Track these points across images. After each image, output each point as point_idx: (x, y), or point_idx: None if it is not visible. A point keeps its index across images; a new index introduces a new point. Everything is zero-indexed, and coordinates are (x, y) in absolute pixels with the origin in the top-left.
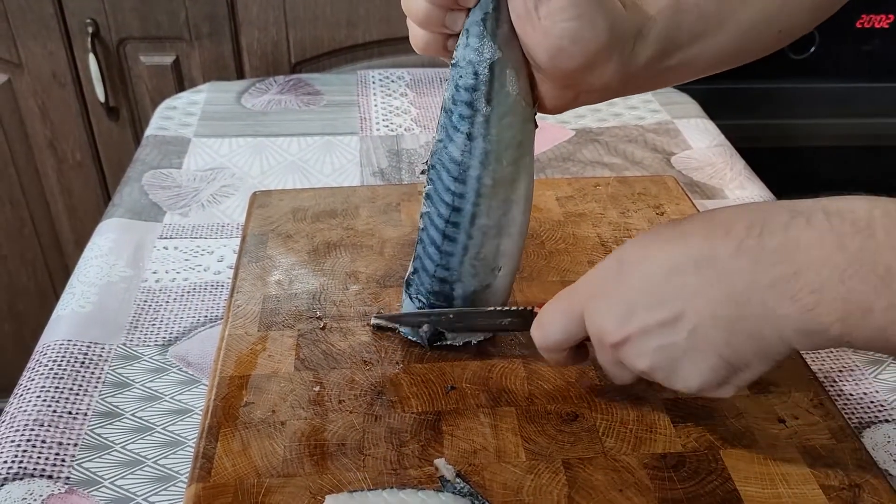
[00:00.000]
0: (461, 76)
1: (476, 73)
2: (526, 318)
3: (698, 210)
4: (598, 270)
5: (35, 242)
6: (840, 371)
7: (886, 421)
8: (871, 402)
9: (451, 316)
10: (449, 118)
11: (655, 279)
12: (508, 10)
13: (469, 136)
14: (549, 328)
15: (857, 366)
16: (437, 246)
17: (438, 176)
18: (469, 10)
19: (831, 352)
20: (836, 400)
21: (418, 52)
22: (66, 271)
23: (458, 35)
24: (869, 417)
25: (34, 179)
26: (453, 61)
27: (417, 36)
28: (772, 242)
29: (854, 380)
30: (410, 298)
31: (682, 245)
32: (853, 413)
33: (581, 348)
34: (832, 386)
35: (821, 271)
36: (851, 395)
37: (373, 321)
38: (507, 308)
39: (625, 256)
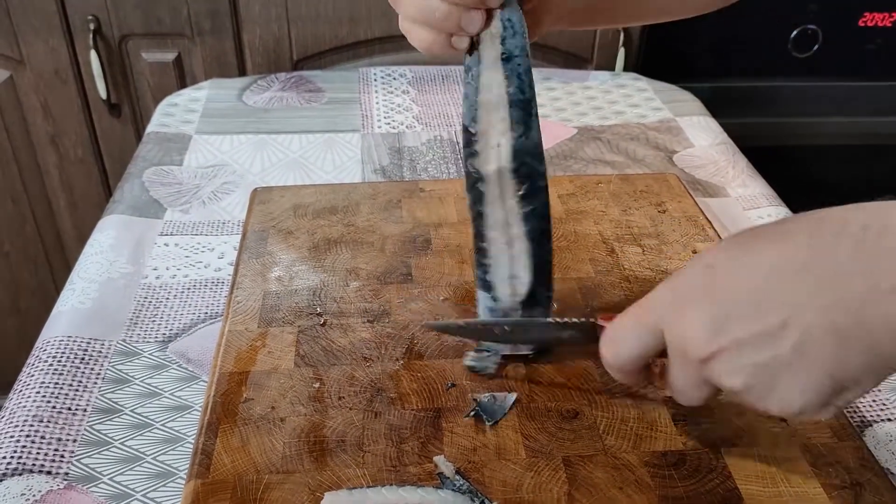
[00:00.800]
0: (520, 64)
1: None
2: (586, 330)
3: (700, 208)
4: (680, 277)
5: (37, 239)
6: None
7: (888, 420)
8: (874, 400)
9: (507, 328)
10: (527, 109)
11: (753, 284)
12: None
13: (536, 116)
14: (623, 343)
15: None
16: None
17: (531, 165)
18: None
19: None
20: None
21: (423, 52)
22: (67, 268)
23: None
24: (871, 416)
25: (36, 176)
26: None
27: (423, 37)
28: (893, 243)
29: None
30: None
31: (785, 246)
32: (855, 411)
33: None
34: None
35: None
36: None
37: (425, 323)
38: (566, 320)
39: (714, 261)
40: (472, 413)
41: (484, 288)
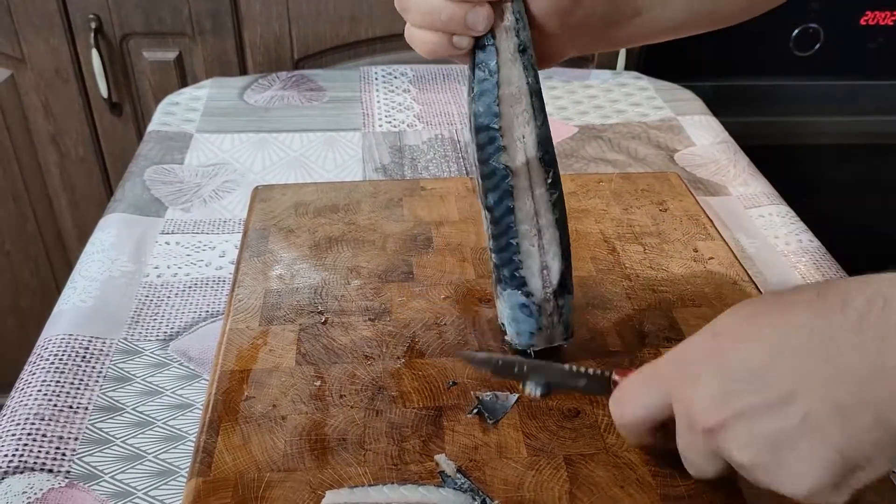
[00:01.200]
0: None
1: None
2: (602, 383)
3: (701, 207)
4: (688, 345)
5: (38, 238)
6: None
7: None
8: None
9: (525, 368)
10: (541, 98)
11: (760, 355)
12: None
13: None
14: (629, 404)
15: None
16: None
17: (551, 152)
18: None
19: None
20: None
21: (427, 56)
22: (68, 267)
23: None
24: None
25: (37, 175)
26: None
27: (427, 39)
28: None
29: None
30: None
31: (791, 318)
32: None
33: (665, 430)
34: None
35: None
36: None
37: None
38: (582, 370)
39: (721, 330)
40: (475, 411)
41: (517, 285)
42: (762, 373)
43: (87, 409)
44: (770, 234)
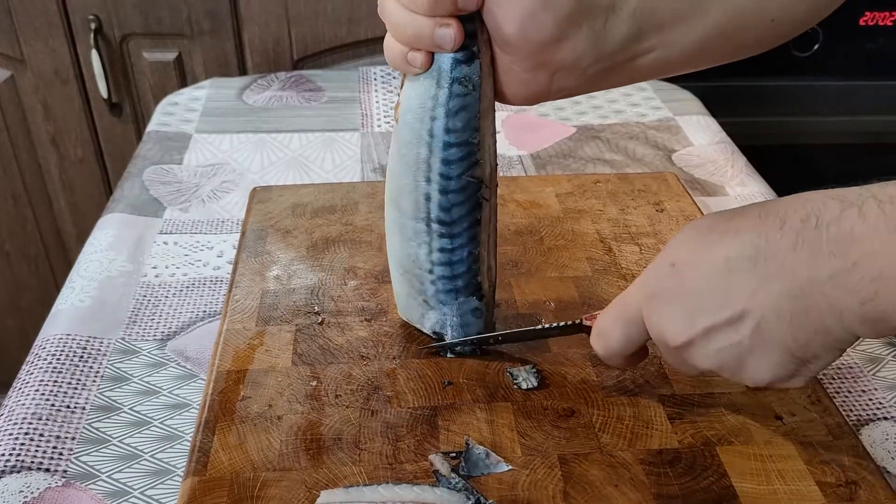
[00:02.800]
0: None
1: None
2: (573, 330)
3: (698, 207)
4: (650, 273)
5: (37, 238)
6: (839, 369)
7: (885, 418)
8: (870, 399)
9: (500, 338)
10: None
11: (713, 279)
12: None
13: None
14: (610, 336)
15: (857, 363)
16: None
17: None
18: None
19: None
20: (835, 397)
21: (395, 68)
22: (68, 267)
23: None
24: (867, 415)
25: (37, 175)
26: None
27: (392, 50)
28: (828, 234)
29: (853, 377)
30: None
31: (737, 241)
32: (851, 410)
33: (641, 348)
34: (831, 383)
35: (879, 260)
36: (850, 392)
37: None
38: (554, 325)
39: (677, 257)
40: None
41: (472, 292)
42: (717, 295)
43: (84, 408)
44: None
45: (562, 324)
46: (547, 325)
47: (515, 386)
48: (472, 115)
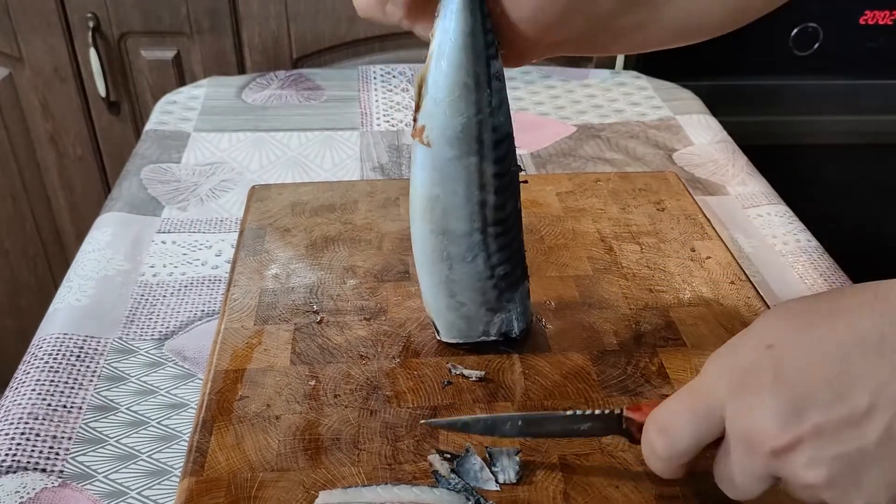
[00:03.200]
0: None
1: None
2: (610, 422)
3: (699, 206)
4: (735, 358)
5: (36, 237)
6: None
7: None
8: None
9: (520, 423)
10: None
11: (828, 366)
12: None
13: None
14: (676, 434)
15: None
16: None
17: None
18: None
19: None
20: None
21: (360, 13)
22: (66, 266)
23: None
24: None
25: (35, 174)
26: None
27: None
28: None
29: None
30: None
31: (851, 324)
32: None
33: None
34: None
35: None
36: None
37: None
38: (588, 412)
39: (775, 340)
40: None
41: (524, 274)
42: (834, 385)
43: (80, 408)
44: (768, 233)
45: (596, 412)
46: (579, 412)
47: (492, 474)
48: (507, 104)
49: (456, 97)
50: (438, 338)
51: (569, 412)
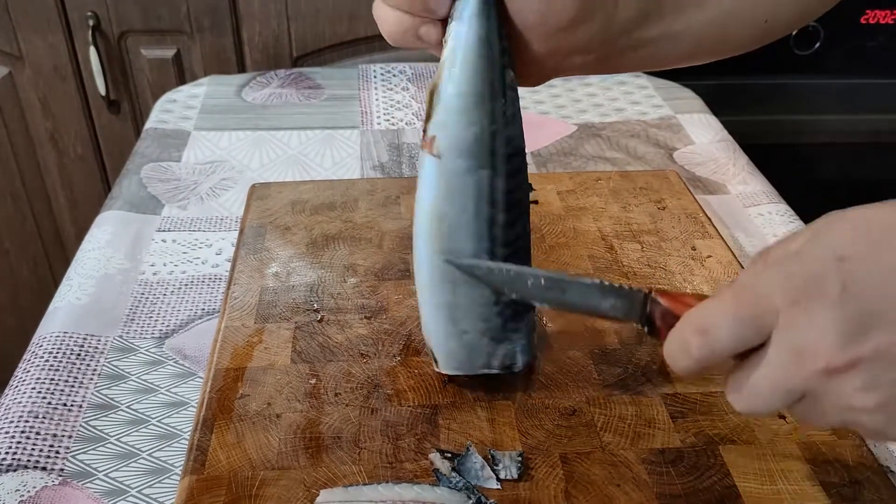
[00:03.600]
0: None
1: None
2: (634, 303)
3: (700, 205)
4: (798, 264)
5: (36, 236)
6: None
7: None
8: None
9: (543, 281)
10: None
11: (888, 272)
12: None
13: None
14: (718, 335)
15: None
16: None
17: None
18: None
19: None
20: None
21: (389, 40)
22: (66, 265)
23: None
24: None
25: (35, 173)
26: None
27: (390, 19)
28: None
29: None
30: None
31: None
32: None
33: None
34: None
35: None
36: None
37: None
38: (614, 285)
39: (848, 252)
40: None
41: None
42: None
43: (81, 406)
44: (769, 232)
45: (622, 286)
46: (605, 283)
47: (494, 473)
48: (520, 116)
49: (469, 106)
50: (437, 369)
51: (595, 280)
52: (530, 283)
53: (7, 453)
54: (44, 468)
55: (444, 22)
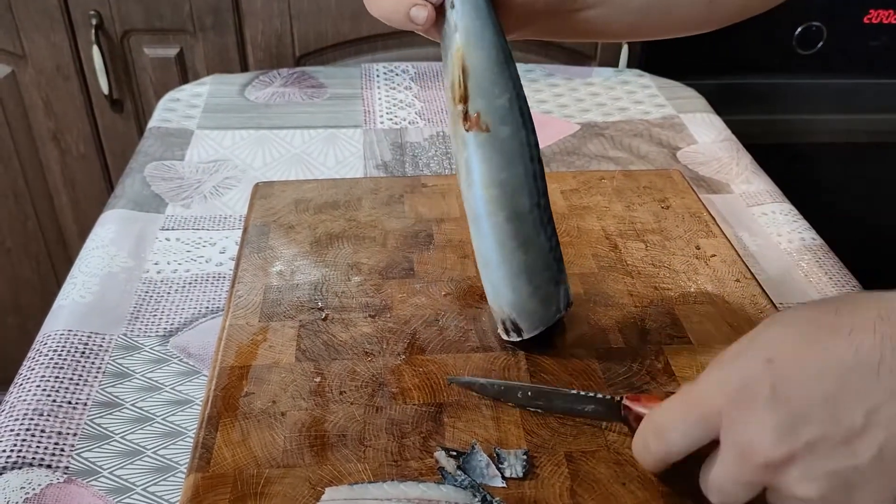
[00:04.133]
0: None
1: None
2: (611, 408)
3: (703, 204)
4: (734, 368)
5: (39, 235)
6: None
7: None
8: None
9: (529, 393)
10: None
11: (823, 383)
12: None
13: None
14: (671, 434)
15: None
16: None
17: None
18: None
19: None
20: None
21: (385, 21)
22: (69, 264)
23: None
24: None
25: (38, 172)
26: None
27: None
28: None
29: None
30: None
31: (853, 344)
32: None
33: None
34: None
35: None
36: None
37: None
38: (590, 394)
39: (774, 353)
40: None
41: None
42: (831, 403)
43: (85, 404)
44: (773, 231)
45: (598, 395)
46: (583, 393)
47: (499, 471)
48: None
49: (498, 75)
50: (519, 337)
51: (574, 391)
52: (520, 394)
53: (12, 451)
54: (49, 466)
55: (436, 7)
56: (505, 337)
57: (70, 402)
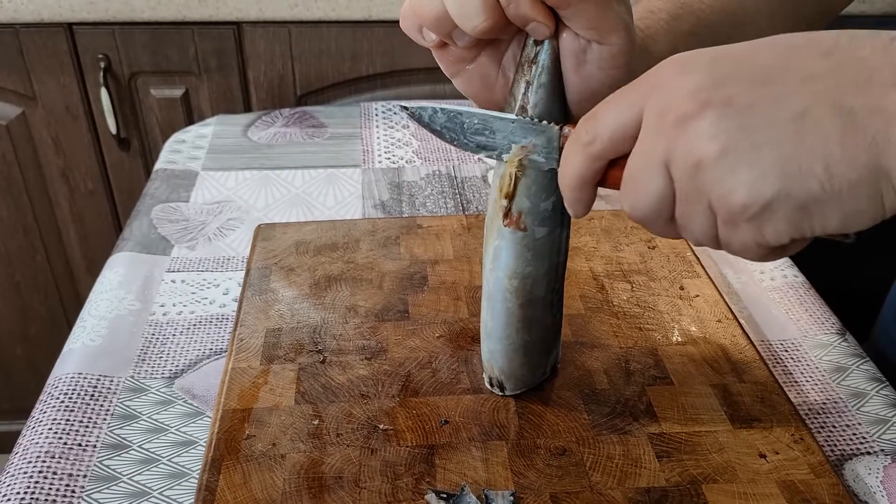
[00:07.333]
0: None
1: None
2: (550, 137)
3: (688, 244)
4: (685, 54)
5: (47, 269)
6: (824, 403)
7: (868, 453)
8: (854, 434)
9: (476, 121)
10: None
11: (768, 56)
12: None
13: None
14: (600, 117)
15: (841, 398)
16: None
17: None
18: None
19: (816, 384)
20: (820, 432)
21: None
22: (77, 297)
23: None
24: (851, 449)
25: (47, 208)
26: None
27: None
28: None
29: (837, 412)
30: None
31: (811, 35)
32: (836, 445)
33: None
34: (816, 418)
35: None
36: (835, 427)
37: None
38: (535, 119)
39: (721, 53)
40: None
41: None
42: (764, 68)
43: (95, 446)
44: (756, 268)
45: (536, 121)
46: (519, 117)
47: None
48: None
49: (550, 180)
50: (501, 394)
51: (512, 117)
52: (466, 123)
53: (26, 493)
54: None
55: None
56: (489, 387)
57: (80, 445)
